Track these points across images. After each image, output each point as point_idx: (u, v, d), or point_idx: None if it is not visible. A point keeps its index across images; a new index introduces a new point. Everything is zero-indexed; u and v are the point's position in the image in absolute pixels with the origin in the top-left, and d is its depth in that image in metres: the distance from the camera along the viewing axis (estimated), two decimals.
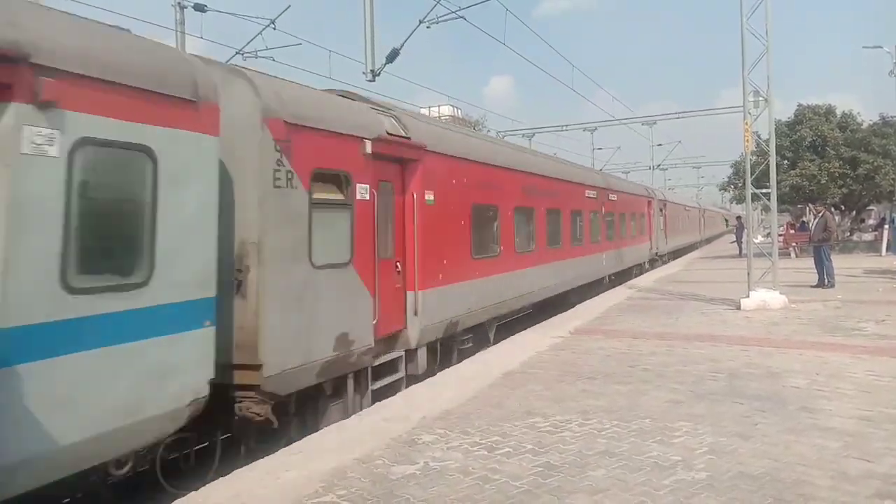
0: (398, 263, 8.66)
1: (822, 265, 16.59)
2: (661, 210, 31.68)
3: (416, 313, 8.81)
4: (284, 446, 5.92)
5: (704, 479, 4.70)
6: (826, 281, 16.40)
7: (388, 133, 8.34)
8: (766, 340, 9.92)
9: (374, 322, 7.80)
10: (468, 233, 10.54)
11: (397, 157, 8.61)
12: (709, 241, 59.32)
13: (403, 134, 8.79)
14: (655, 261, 29.88)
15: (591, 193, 18.70)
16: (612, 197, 21.45)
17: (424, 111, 14.54)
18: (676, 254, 37.11)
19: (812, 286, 16.41)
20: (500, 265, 11.63)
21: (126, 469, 5.19)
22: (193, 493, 4.82)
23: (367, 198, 7.74)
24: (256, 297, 6.11)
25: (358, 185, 7.56)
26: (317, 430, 6.56)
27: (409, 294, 8.80)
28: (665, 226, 32.90)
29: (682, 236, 41.29)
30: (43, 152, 4.28)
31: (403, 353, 8.68)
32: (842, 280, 17.94)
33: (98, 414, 4.60)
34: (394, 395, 7.63)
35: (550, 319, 13.48)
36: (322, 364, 6.91)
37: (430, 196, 9.25)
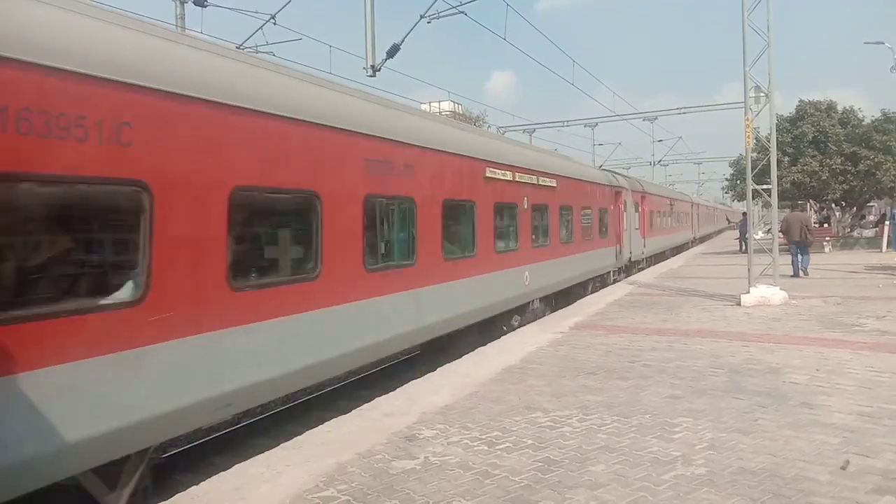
0: None
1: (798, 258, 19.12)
2: (637, 204, 25.55)
3: None
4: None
5: (704, 474, 4.71)
6: (801, 269, 18.83)
7: None
8: (766, 336, 9.92)
9: None
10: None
11: None
12: (703, 240, 53.20)
13: None
14: (630, 268, 23.95)
15: (503, 175, 12.02)
16: (549, 182, 14.50)
17: (425, 107, 14.51)
18: (662, 257, 31.38)
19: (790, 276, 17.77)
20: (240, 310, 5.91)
21: None
22: (194, 487, 4.83)
23: None
24: None
25: None
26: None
27: None
28: (644, 224, 26.75)
29: (668, 236, 34.46)
30: None
31: None
32: (842, 276, 18.08)
33: None
34: None
35: (551, 315, 13.49)
36: None
37: None
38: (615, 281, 20.80)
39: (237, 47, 16.64)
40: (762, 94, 13.81)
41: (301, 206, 6.99)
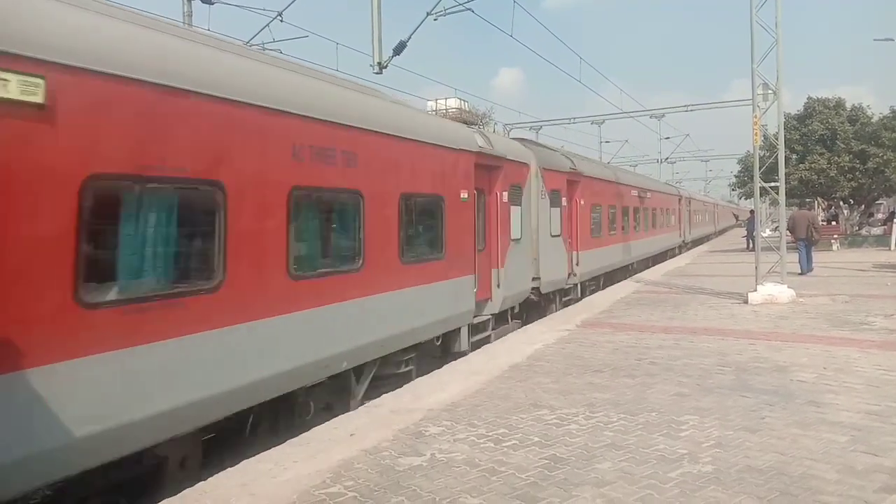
0: None
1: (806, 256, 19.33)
2: (559, 193, 15.05)
3: None
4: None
5: (711, 472, 4.70)
6: (807, 269, 18.86)
7: None
8: (773, 334, 9.89)
9: None
10: None
11: None
12: (698, 243, 42.81)
13: None
14: (543, 306, 14.10)
15: None
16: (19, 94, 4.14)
17: (431, 104, 14.48)
18: (623, 273, 21.68)
19: (798, 274, 17.89)
20: None
21: None
22: (202, 483, 4.85)
23: None
24: None
25: None
26: None
27: None
28: (577, 226, 16.48)
29: (634, 243, 23.57)
30: None
31: None
32: (850, 274, 18.05)
33: None
34: None
35: (557, 313, 13.48)
36: None
37: None
38: (481, 342, 10.56)
39: (245, 45, 16.66)
40: (770, 92, 13.76)
41: None
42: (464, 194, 10.17)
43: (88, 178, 4.50)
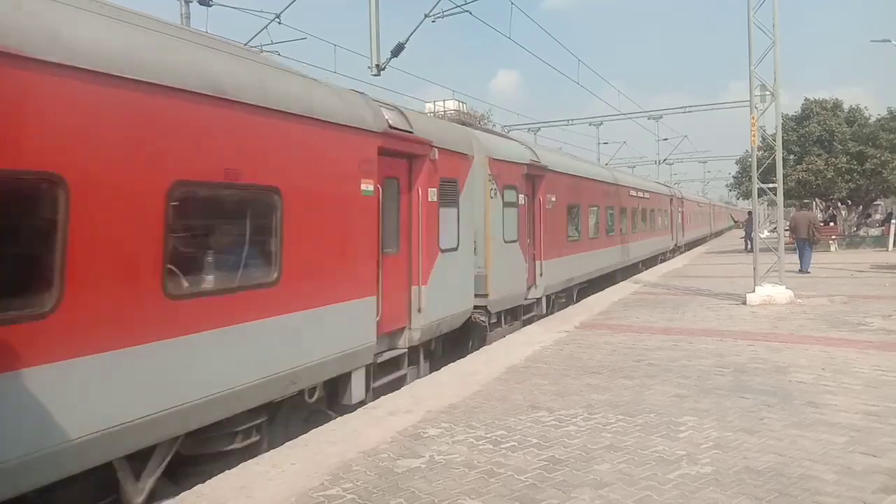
0: None
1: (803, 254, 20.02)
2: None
3: None
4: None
5: (710, 473, 4.70)
6: (806, 268, 19.49)
7: None
8: (771, 335, 9.90)
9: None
10: None
11: None
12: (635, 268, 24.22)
13: None
14: None
15: None
16: None
17: (430, 106, 14.52)
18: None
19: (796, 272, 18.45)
20: None
21: None
22: (200, 485, 4.84)
23: None
24: None
25: None
26: None
27: None
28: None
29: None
30: None
31: None
32: (848, 275, 18.09)
33: None
34: None
35: (556, 314, 13.48)
36: None
37: None
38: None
39: (242, 47, 16.58)
40: (768, 93, 13.78)
41: None
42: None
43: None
